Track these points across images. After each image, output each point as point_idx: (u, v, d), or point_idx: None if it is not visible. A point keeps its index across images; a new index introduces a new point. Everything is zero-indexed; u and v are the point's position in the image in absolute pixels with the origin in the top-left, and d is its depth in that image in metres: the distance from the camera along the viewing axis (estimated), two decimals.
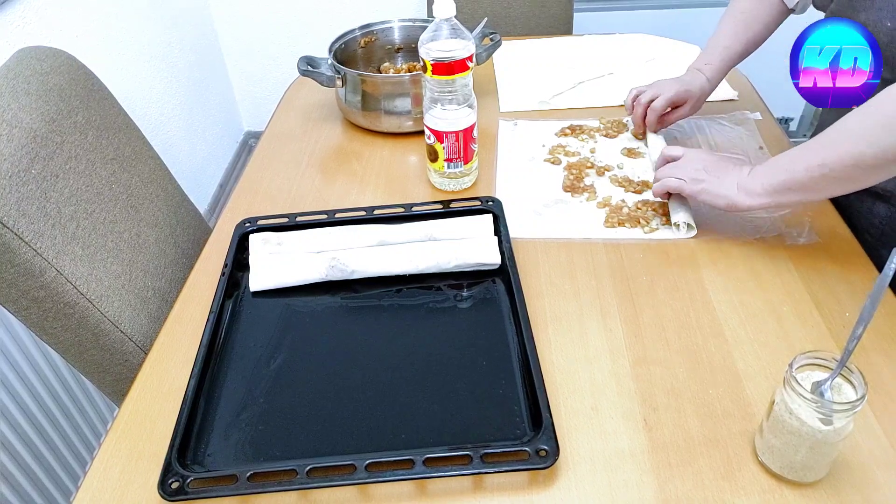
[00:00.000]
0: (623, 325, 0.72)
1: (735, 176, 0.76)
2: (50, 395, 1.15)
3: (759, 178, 0.74)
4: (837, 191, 0.71)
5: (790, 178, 0.71)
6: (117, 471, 0.62)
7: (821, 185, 0.69)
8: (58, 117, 0.82)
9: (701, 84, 0.95)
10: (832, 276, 0.76)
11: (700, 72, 0.96)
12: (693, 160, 0.81)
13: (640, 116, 0.99)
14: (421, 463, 0.57)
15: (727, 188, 0.76)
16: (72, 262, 0.77)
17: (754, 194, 0.74)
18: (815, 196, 0.73)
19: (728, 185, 0.76)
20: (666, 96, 0.95)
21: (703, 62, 0.96)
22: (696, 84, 0.95)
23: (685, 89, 0.95)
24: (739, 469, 0.58)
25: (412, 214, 0.86)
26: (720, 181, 0.77)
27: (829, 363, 0.53)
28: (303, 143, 1.10)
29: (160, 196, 0.99)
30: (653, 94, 0.96)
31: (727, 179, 0.77)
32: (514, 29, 1.68)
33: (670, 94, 0.95)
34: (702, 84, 0.95)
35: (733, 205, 0.76)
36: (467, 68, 0.86)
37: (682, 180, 0.81)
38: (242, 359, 0.71)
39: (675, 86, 0.95)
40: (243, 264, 0.82)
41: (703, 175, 0.79)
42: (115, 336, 0.80)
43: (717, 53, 0.95)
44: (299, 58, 1.09)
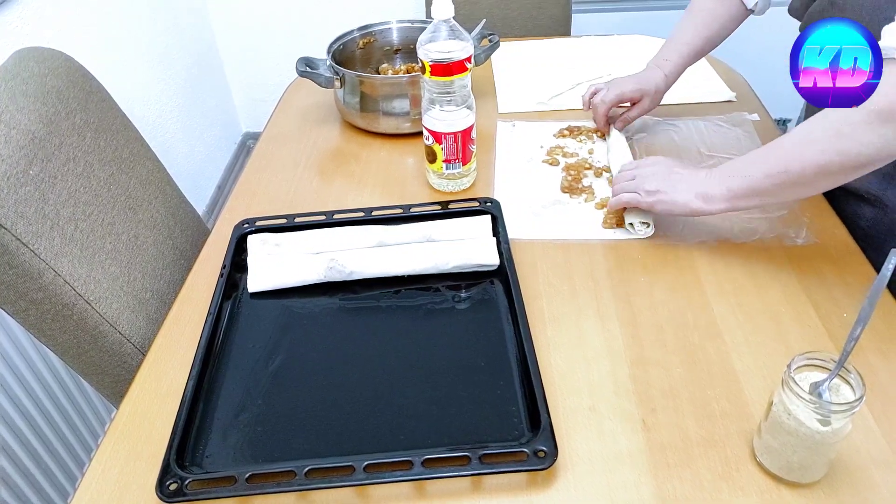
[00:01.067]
0: (621, 326, 0.72)
1: (691, 182, 0.77)
2: (48, 396, 1.15)
3: (717, 183, 0.75)
4: (797, 195, 0.73)
5: (749, 184, 0.72)
6: (115, 472, 0.62)
7: (780, 190, 0.71)
8: (56, 119, 0.82)
9: (657, 80, 0.97)
10: (830, 277, 0.76)
11: (658, 68, 0.97)
12: (647, 172, 0.82)
13: (603, 116, 1.00)
14: (419, 464, 0.57)
15: (684, 196, 0.77)
16: (70, 264, 0.77)
17: (712, 200, 0.75)
18: (772, 200, 0.75)
19: (684, 193, 0.77)
20: (618, 93, 0.96)
21: (662, 58, 0.98)
22: (652, 80, 0.97)
23: (640, 86, 0.97)
24: (737, 469, 0.58)
25: (410, 215, 0.86)
26: (676, 190, 0.78)
27: (827, 364, 0.54)
28: (301, 144, 1.10)
29: (158, 198, 0.99)
30: (607, 92, 0.98)
31: (682, 187, 0.77)
32: (512, 30, 1.68)
33: (625, 91, 0.96)
34: (658, 80, 0.97)
35: (691, 211, 0.77)
36: (466, 69, 0.86)
37: (636, 194, 0.81)
38: (241, 360, 0.71)
39: (630, 83, 0.97)
40: (242, 265, 0.81)
41: (658, 186, 0.79)
42: (114, 337, 0.80)
43: (675, 50, 0.97)
44: (297, 59, 1.09)
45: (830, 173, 0.67)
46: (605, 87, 1.00)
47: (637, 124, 1.06)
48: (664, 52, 0.98)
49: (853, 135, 0.64)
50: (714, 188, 0.75)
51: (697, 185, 0.76)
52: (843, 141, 0.64)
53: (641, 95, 0.97)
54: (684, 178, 0.78)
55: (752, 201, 0.73)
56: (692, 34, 0.96)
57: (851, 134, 0.64)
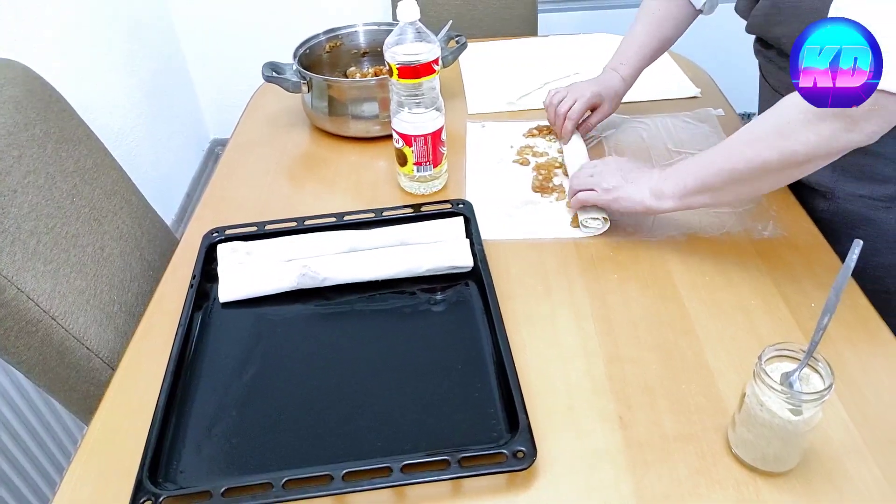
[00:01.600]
0: (595, 324, 0.72)
1: (646, 181, 0.79)
2: (15, 415, 1.12)
3: (671, 182, 0.76)
4: (745, 193, 0.75)
5: (700, 182, 0.74)
6: (87, 492, 0.61)
7: (728, 187, 0.72)
8: (14, 130, 0.80)
9: (616, 84, 0.98)
10: (798, 268, 0.78)
11: (615, 71, 0.99)
12: (605, 172, 0.83)
13: (561, 126, 1.00)
14: (398, 470, 0.57)
15: (640, 194, 0.79)
16: (33, 279, 0.75)
17: (665, 197, 0.77)
18: (723, 198, 0.77)
19: (641, 191, 0.79)
20: (582, 102, 0.97)
21: (619, 62, 0.99)
22: (611, 84, 0.98)
23: (599, 92, 0.98)
24: (714, 463, 0.59)
25: (383, 219, 0.85)
26: (631, 188, 0.80)
27: (797, 354, 0.54)
28: (270, 150, 1.08)
29: (124, 208, 0.97)
30: (570, 100, 0.98)
31: (639, 185, 0.79)
32: (479, 31, 1.68)
33: (586, 98, 0.97)
34: (616, 84, 0.98)
35: (646, 209, 0.79)
36: (433, 71, 0.85)
37: (594, 191, 0.83)
38: (214, 371, 0.69)
39: (590, 88, 0.98)
40: (212, 275, 0.80)
41: (615, 184, 0.81)
42: (81, 353, 0.78)
43: (631, 53, 0.98)
44: (263, 64, 1.07)
45: (773, 171, 0.69)
46: (564, 91, 1.00)
47: (605, 122, 1.07)
48: (620, 56, 0.99)
49: (792, 133, 0.65)
50: (666, 186, 0.76)
51: (651, 184, 0.78)
52: (783, 139, 0.66)
53: (601, 101, 0.99)
54: (639, 176, 0.80)
55: (703, 199, 0.75)
56: (646, 36, 0.97)
57: (790, 132, 0.65)
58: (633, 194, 0.79)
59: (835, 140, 0.63)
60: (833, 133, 0.63)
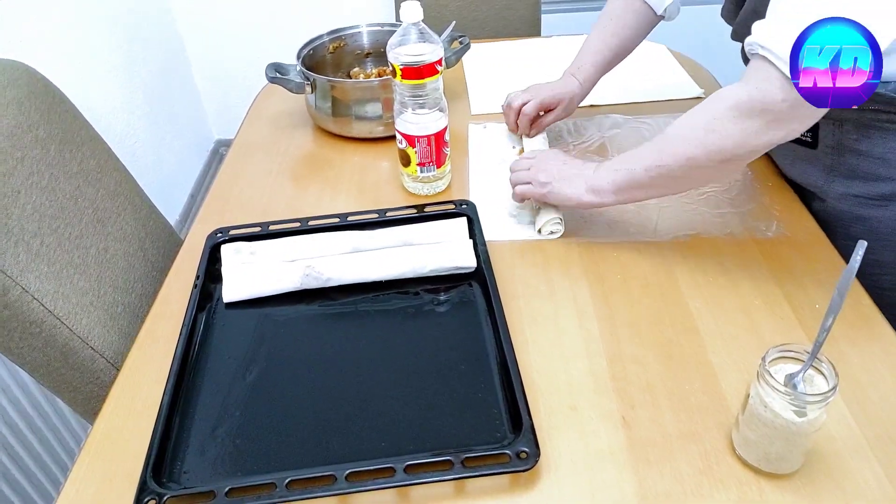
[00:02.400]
0: (599, 324, 0.72)
1: (583, 176, 0.80)
2: (19, 415, 1.12)
3: (604, 176, 0.77)
4: (677, 188, 0.76)
5: (631, 177, 0.75)
6: (91, 492, 0.61)
7: (659, 182, 0.74)
8: (17, 132, 0.80)
9: (572, 89, 0.99)
10: (801, 269, 0.77)
11: (573, 76, 0.99)
12: (542, 165, 0.84)
13: (513, 121, 1.01)
14: (402, 470, 0.57)
15: (575, 188, 0.80)
16: (37, 280, 0.75)
17: (600, 192, 0.78)
18: (656, 193, 0.77)
19: (576, 186, 0.80)
20: (536, 101, 0.98)
21: (576, 67, 1.00)
22: (567, 89, 0.99)
23: (556, 94, 0.98)
24: (717, 463, 0.59)
25: (386, 220, 0.85)
26: (568, 182, 0.80)
27: (801, 355, 0.54)
28: (273, 150, 1.09)
29: (127, 209, 0.97)
30: (524, 98, 0.99)
31: (576, 180, 0.80)
32: (482, 31, 1.68)
33: (541, 98, 0.98)
34: (573, 89, 0.99)
35: (580, 204, 0.80)
36: (437, 72, 0.86)
37: (530, 184, 0.84)
38: (217, 372, 0.70)
39: (547, 90, 0.99)
40: (216, 276, 0.80)
41: (551, 177, 0.82)
42: (86, 353, 0.79)
43: (588, 59, 0.99)
44: (267, 65, 1.08)
45: (700, 166, 0.70)
46: (522, 92, 1.00)
47: (608, 123, 1.07)
48: (578, 62, 1.00)
49: (718, 128, 0.67)
50: (601, 182, 0.77)
51: (587, 179, 0.79)
52: (709, 134, 0.67)
53: (558, 103, 0.99)
54: (576, 171, 0.81)
55: (637, 194, 0.77)
56: (603, 43, 0.98)
57: (716, 127, 0.67)
58: (566, 189, 0.80)
59: (758, 136, 0.65)
60: (757, 129, 0.65)
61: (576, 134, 1.06)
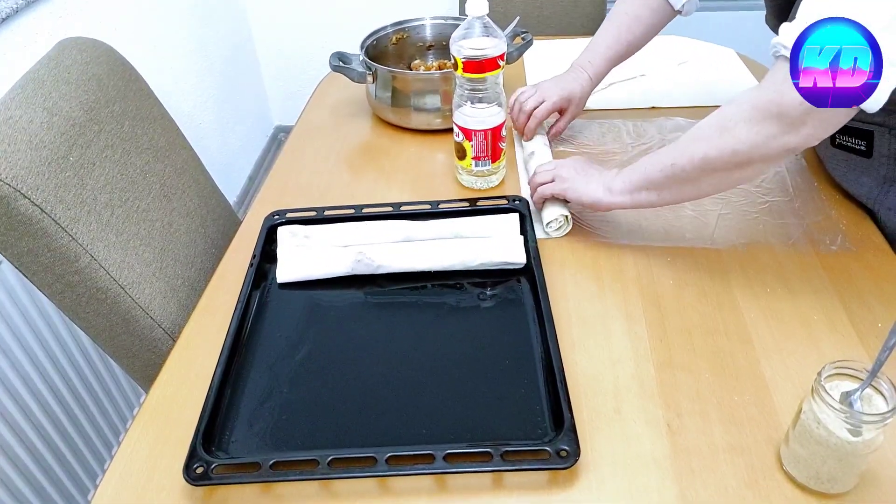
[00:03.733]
0: (648, 329, 0.71)
1: (603, 177, 0.79)
2: (80, 379, 1.18)
3: (621, 177, 0.76)
4: (688, 193, 0.74)
5: (644, 177, 0.74)
6: (144, 454, 0.63)
7: (671, 184, 0.72)
8: (96, 106, 0.84)
9: (583, 84, 0.97)
10: (865, 285, 0.74)
11: (583, 69, 0.97)
12: (566, 164, 0.83)
13: (523, 124, 0.99)
14: (441, 458, 0.58)
15: (594, 188, 0.79)
16: (105, 249, 0.78)
17: (614, 192, 0.77)
18: (668, 197, 0.75)
19: (595, 186, 0.79)
20: (549, 103, 0.96)
21: (587, 60, 0.98)
22: (577, 85, 0.97)
23: (567, 94, 0.97)
24: (764, 478, 0.57)
25: (438, 211, 0.86)
26: (587, 182, 0.80)
27: (860, 374, 0.52)
28: (332, 138, 1.11)
29: (192, 187, 1.01)
30: (538, 99, 0.97)
31: (594, 181, 0.79)
32: (546, 28, 1.67)
33: (553, 100, 0.96)
34: (584, 83, 0.97)
35: (596, 201, 0.79)
36: (498, 67, 0.86)
37: (550, 183, 0.83)
38: (268, 349, 0.72)
39: (557, 91, 0.97)
40: (271, 256, 0.83)
41: (571, 174, 0.81)
42: (145, 322, 0.82)
43: (599, 53, 0.97)
44: (331, 54, 1.10)
45: (713, 170, 0.68)
46: (532, 90, 0.99)
47: (670, 125, 1.05)
48: (588, 55, 0.98)
49: (733, 131, 0.65)
50: (618, 181, 0.77)
51: (606, 180, 0.78)
52: (724, 136, 0.66)
53: (568, 104, 0.98)
54: (597, 174, 0.81)
55: (649, 196, 0.75)
56: (615, 38, 0.96)
57: (732, 130, 0.65)
58: (584, 187, 0.80)
59: (772, 141, 0.63)
60: (771, 134, 0.63)
61: (635, 135, 1.04)
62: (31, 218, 0.70)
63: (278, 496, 0.59)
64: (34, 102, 0.76)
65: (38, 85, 0.79)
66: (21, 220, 0.70)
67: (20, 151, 0.71)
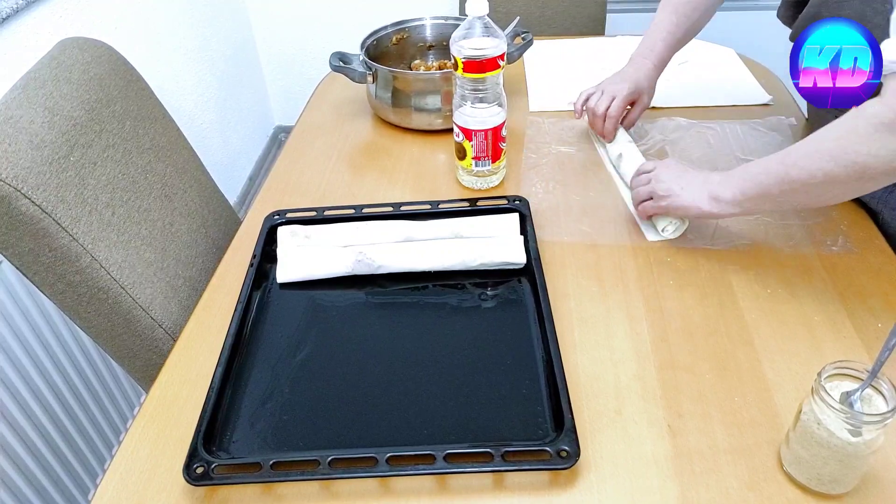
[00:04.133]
0: (650, 330, 0.71)
1: (705, 185, 0.77)
2: (80, 378, 1.18)
3: (731, 187, 0.74)
4: (804, 203, 0.72)
5: (760, 190, 0.72)
6: (144, 454, 0.63)
7: (788, 197, 0.70)
8: (97, 106, 0.84)
9: (648, 72, 0.96)
10: (866, 286, 0.74)
11: (645, 59, 0.97)
12: (660, 177, 0.81)
13: (601, 128, 0.98)
14: (442, 458, 0.58)
15: (697, 199, 0.77)
16: (106, 249, 0.78)
17: (723, 202, 0.75)
18: (782, 207, 0.74)
19: (698, 195, 0.77)
20: (620, 98, 0.95)
21: (648, 48, 0.97)
22: (642, 74, 0.96)
23: (635, 86, 0.96)
24: (765, 479, 0.57)
25: (439, 211, 0.86)
26: (687, 191, 0.78)
27: (860, 374, 0.52)
28: (333, 138, 1.11)
29: (193, 187, 1.01)
30: (608, 98, 0.96)
31: (694, 189, 0.77)
32: (546, 28, 1.67)
33: (623, 95, 0.95)
34: (650, 71, 0.96)
35: (701, 213, 0.77)
36: (498, 67, 0.86)
37: (651, 200, 0.82)
38: (268, 349, 0.72)
39: (624, 85, 0.96)
40: (271, 256, 0.83)
41: (669, 190, 0.79)
42: (146, 322, 0.82)
43: (660, 39, 0.96)
44: (331, 53, 1.10)
45: (837, 183, 0.66)
46: (596, 91, 0.98)
47: (671, 126, 1.05)
48: (649, 42, 0.97)
49: (860, 145, 0.63)
50: (725, 191, 0.75)
51: (709, 188, 0.76)
52: (850, 152, 0.64)
53: (639, 95, 0.97)
54: (697, 180, 0.78)
55: (763, 206, 0.74)
56: (675, 24, 0.95)
57: (858, 144, 0.63)
58: (687, 201, 0.78)
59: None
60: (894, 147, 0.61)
61: (636, 136, 1.04)
62: (32, 218, 0.70)
63: (279, 496, 0.59)
64: (35, 102, 0.76)
65: (38, 85, 0.79)
66: (22, 219, 0.70)
67: (21, 151, 0.71)
